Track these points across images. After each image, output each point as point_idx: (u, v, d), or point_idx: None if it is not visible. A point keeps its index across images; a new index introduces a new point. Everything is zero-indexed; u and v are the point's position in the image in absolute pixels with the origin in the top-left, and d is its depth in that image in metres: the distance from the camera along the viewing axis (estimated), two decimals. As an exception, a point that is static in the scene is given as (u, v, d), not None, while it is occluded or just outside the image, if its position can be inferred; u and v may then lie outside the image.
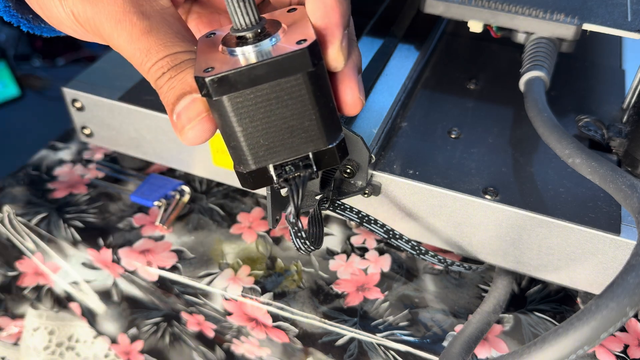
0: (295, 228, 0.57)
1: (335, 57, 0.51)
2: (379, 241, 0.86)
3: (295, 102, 0.48)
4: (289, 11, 0.53)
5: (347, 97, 0.53)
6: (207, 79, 0.46)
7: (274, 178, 0.51)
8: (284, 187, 0.52)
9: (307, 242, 0.59)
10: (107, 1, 0.49)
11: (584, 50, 0.94)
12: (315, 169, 0.52)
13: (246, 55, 0.48)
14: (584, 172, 0.58)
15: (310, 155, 0.51)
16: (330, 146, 0.51)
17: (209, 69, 0.47)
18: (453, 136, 0.76)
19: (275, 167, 0.51)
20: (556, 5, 0.75)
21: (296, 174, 0.51)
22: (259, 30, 0.49)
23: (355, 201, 0.74)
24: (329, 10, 0.50)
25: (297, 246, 0.60)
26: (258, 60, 0.46)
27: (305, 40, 0.47)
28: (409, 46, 0.88)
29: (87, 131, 0.89)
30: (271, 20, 0.51)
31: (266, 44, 0.48)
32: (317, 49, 0.47)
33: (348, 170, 0.69)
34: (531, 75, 0.72)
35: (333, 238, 0.86)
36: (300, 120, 0.49)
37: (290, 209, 0.53)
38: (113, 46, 0.51)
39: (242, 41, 0.49)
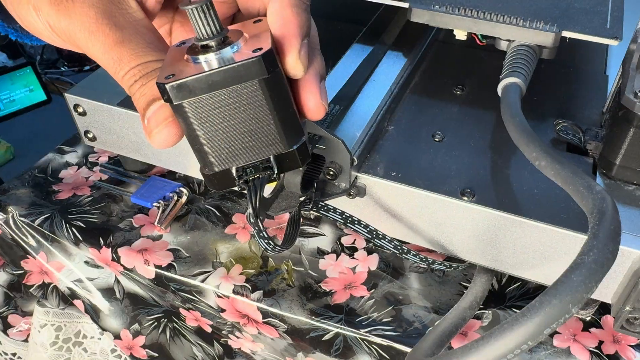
0: (256, 228, 0.59)
1: (293, 65, 0.52)
2: (368, 241, 0.88)
3: (253, 107, 0.50)
4: (255, 22, 0.55)
5: (309, 103, 0.55)
6: (166, 85, 0.48)
7: (236, 180, 0.53)
8: (244, 189, 0.54)
9: (270, 241, 0.61)
10: (79, 13, 0.51)
11: (570, 56, 0.95)
12: (276, 172, 0.53)
13: (207, 62, 0.49)
14: (548, 174, 0.60)
15: (272, 159, 0.53)
16: (290, 149, 0.53)
17: (170, 76, 0.48)
18: (437, 139, 0.78)
19: (237, 170, 0.53)
20: (537, 13, 0.77)
21: (255, 176, 0.53)
22: (222, 39, 0.51)
23: (342, 202, 0.76)
24: (287, 22, 0.52)
25: (263, 246, 0.61)
26: (216, 67, 0.48)
27: (261, 48, 0.49)
28: (397, 53, 0.90)
29: (90, 135, 0.92)
30: (233, 30, 0.53)
31: (227, 52, 0.50)
32: (271, 57, 0.49)
33: (331, 172, 0.71)
34: (508, 82, 0.73)
35: (324, 238, 0.89)
36: (259, 125, 0.51)
37: (249, 210, 0.55)
38: (89, 55, 0.53)
39: (204, 50, 0.50)
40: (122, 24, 0.52)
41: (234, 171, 0.53)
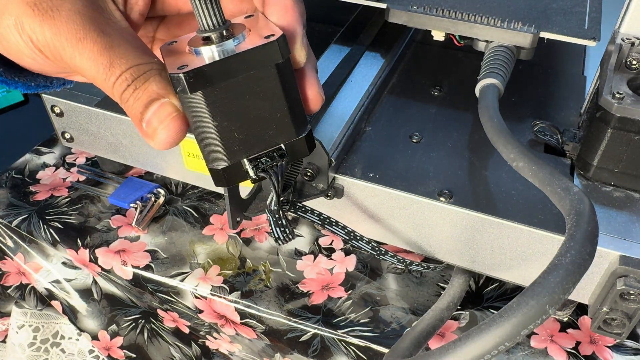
0: (277, 216, 0.59)
1: (298, 52, 0.53)
2: (345, 242, 0.88)
3: (267, 93, 0.50)
4: (246, 17, 0.55)
5: (309, 93, 0.56)
6: (182, 75, 0.47)
7: (250, 171, 0.52)
8: (263, 179, 0.53)
9: (286, 230, 0.60)
10: (66, 20, 0.50)
11: (549, 58, 0.95)
12: (288, 159, 0.53)
13: (214, 53, 0.49)
14: (526, 175, 0.60)
15: (283, 147, 0.53)
16: (300, 137, 0.53)
17: (183, 66, 0.48)
18: (414, 140, 0.78)
19: (250, 161, 0.52)
20: (515, 14, 0.77)
21: (273, 164, 0.53)
22: (226, 31, 0.50)
23: (320, 203, 0.76)
24: (288, 9, 0.53)
25: (277, 236, 0.61)
26: (231, 53, 0.48)
27: (273, 34, 0.49)
28: (375, 54, 0.90)
29: (67, 136, 0.91)
30: (235, 22, 0.53)
31: (233, 42, 0.49)
32: (285, 42, 0.49)
33: (309, 174, 0.71)
34: (485, 82, 0.73)
35: (302, 239, 0.89)
36: (272, 112, 0.51)
37: (272, 196, 0.54)
38: (75, 67, 0.51)
39: (208, 41, 0.50)
40: (109, 31, 0.51)
41: (246, 163, 0.52)
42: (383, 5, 0.79)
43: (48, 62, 0.53)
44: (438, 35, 0.80)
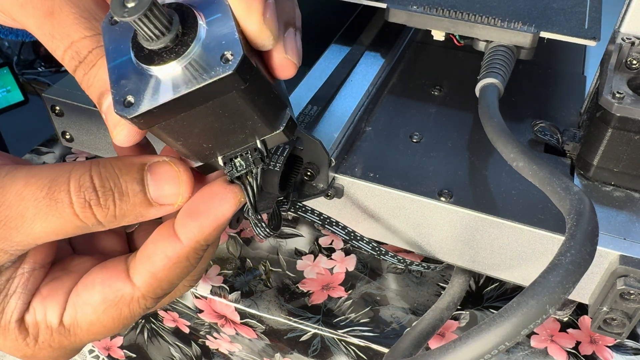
0: (255, 221, 0.59)
1: (257, 34, 0.44)
2: (345, 242, 0.88)
3: (233, 113, 0.45)
4: None
5: (274, 60, 0.48)
6: (129, 118, 0.42)
7: (225, 170, 0.51)
8: (236, 184, 0.52)
9: (267, 229, 0.60)
10: None
11: (548, 57, 0.95)
12: (265, 154, 0.50)
13: (167, 73, 0.42)
14: (526, 175, 0.60)
15: (258, 144, 0.49)
16: (276, 132, 0.49)
17: (128, 102, 0.42)
18: (414, 140, 0.78)
19: (225, 163, 0.50)
20: (515, 14, 0.77)
21: (247, 169, 0.50)
22: (175, 35, 0.42)
23: (320, 203, 0.76)
24: None
25: (257, 232, 0.61)
26: (183, 87, 0.42)
27: (232, 54, 0.41)
28: (375, 54, 0.90)
29: (67, 136, 0.91)
30: (184, 9, 0.43)
31: (187, 55, 0.42)
32: (246, 65, 0.42)
33: (309, 173, 0.71)
34: (485, 82, 0.73)
35: (302, 239, 0.89)
36: (241, 123, 0.47)
37: (247, 206, 0.54)
38: (31, 33, 0.46)
39: (156, 57, 0.42)
40: None
41: (220, 161, 0.50)
42: (383, 5, 0.79)
43: (13, 22, 0.48)
44: (438, 35, 0.81)
